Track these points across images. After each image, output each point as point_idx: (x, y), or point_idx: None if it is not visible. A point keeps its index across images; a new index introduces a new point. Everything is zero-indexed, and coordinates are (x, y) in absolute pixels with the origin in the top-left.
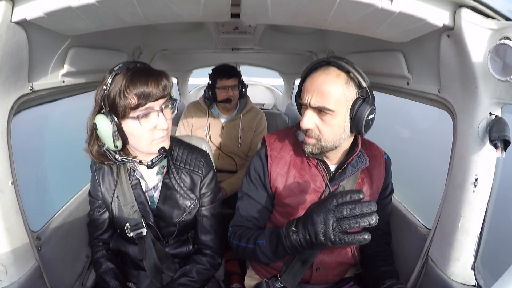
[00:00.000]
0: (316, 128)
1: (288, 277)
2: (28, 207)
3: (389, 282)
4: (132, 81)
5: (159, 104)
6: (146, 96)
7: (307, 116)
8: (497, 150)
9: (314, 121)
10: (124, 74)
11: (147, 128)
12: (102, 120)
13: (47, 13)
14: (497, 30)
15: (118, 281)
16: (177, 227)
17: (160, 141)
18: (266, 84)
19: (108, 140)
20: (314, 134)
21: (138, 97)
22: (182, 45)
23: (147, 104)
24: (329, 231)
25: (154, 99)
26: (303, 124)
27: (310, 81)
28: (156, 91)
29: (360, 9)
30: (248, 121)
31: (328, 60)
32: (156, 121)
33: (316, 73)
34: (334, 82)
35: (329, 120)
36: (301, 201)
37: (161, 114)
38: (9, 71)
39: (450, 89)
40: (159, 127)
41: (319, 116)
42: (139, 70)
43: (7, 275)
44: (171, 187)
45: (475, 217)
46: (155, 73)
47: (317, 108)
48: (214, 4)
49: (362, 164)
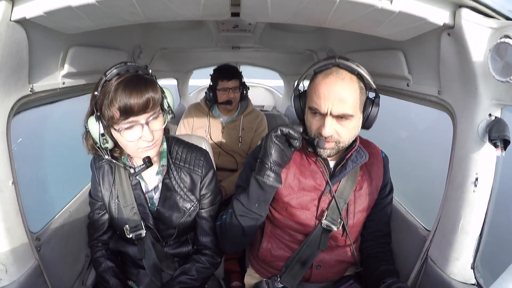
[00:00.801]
0: (335, 133)
1: (288, 277)
2: (28, 207)
3: (389, 281)
4: (116, 93)
5: (145, 117)
6: (127, 112)
7: (329, 124)
8: (497, 149)
9: (334, 127)
10: (113, 83)
11: (130, 139)
12: (92, 123)
13: (47, 12)
14: (497, 29)
15: (118, 279)
16: (176, 229)
17: (146, 150)
18: (266, 86)
19: (97, 141)
20: (333, 139)
21: (119, 111)
22: (182, 44)
23: (129, 118)
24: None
25: (137, 114)
26: (325, 133)
27: (326, 87)
28: (139, 106)
29: (360, 9)
30: (248, 122)
31: (337, 62)
32: (141, 133)
33: (329, 78)
34: (351, 87)
35: (347, 124)
36: (302, 199)
37: (145, 127)
38: (9, 70)
39: (450, 90)
40: (143, 139)
41: (338, 122)
42: (126, 81)
43: (7, 274)
44: (171, 188)
45: (475, 217)
46: (140, 85)
47: (338, 115)
48: (214, 4)
49: (362, 159)
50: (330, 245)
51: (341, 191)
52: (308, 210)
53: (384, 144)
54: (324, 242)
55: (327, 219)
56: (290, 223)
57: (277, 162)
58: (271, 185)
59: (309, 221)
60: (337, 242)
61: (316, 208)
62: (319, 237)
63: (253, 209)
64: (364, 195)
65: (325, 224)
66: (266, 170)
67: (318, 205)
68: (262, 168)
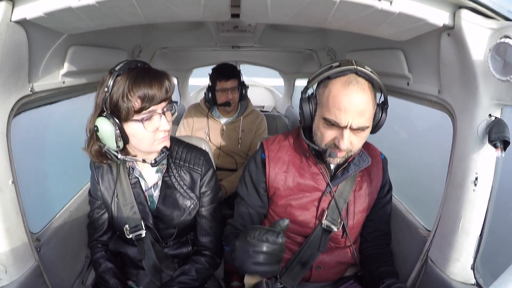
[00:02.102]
0: (350, 144)
1: (288, 278)
2: (28, 207)
3: (388, 281)
4: (136, 83)
5: (162, 107)
6: (150, 99)
7: (347, 137)
8: (496, 150)
9: (351, 140)
10: (127, 75)
11: (149, 130)
12: (103, 122)
13: (47, 13)
14: (497, 29)
15: (117, 279)
16: (176, 228)
17: (162, 141)
18: (266, 85)
19: (110, 141)
20: (347, 149)
21: (142, 100)
22: (182, 43)
23: (150, 107)
24: (244, 261)
25: (157, 102)
26: (343, 146)
27: (348, 100)
28: (160, 94)
29: (360, 10)
30: (248, 123)
31: (355, 70)
32: (159, 124)
33: (350, 89)
34: (369, 99)
35: (362, 134)
36: (301, 202)
37: (163, 117)
38: (9, 70)
39: (450, 90)
40: (161, 128)
41: (354, 134)
42: (142, 71)
43: (7, 274)
44: (171, 185)
45: (475, 218)
46: (157, 74)
47: (357, 128)
48: (214, 5)
49: (364, 163)
50: (330, 247)
51: (341, 191)
52: (307, 210)
53: (384, 144)
54: (324, 243)
55: (327, 219)
56: (290, 224)
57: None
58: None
59: (309, 222)
60: (337, 244)
61: (316, 209)
62: (319, 238)
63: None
64: (364, 195)
65: (325, 224)
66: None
67: (318, 205)
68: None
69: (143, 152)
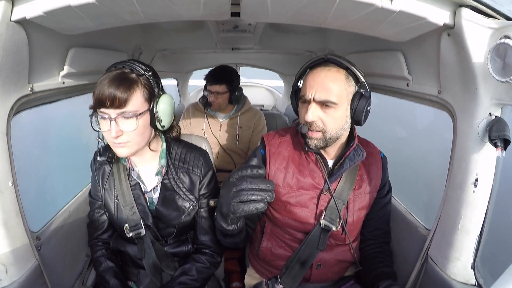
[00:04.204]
0: (319, 120)
1: (288, 278)
2: (28, 207)
3: (384, 284)
4: (99, 84)
5: (115, 113)
6: (99, 102)
7: (312, 109)
8: (497, 149)
9: (318, 114)
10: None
11: (103, 129)
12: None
13: (47, 12)
14: (497, 29)
15: (118, 279)
16: (176, 228)
17: (116, 146)
18: (266, 85)
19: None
20: (318, 127)
21: (95, 99)
22: (182, 45)
23: (101, 109)
24: (230, 202)
25: (106, 107)
26: (308, 117)
27: (312, 77)
28: (110, 99)
29: (360, 8)
30: (246, 120)
31: (326, 57)
32: (109, 127)
33: (317, 69)
34: (336, 77)
35: (332, 112)
36: (300, 199)
37: (113, 123)
38: (9, 70)
39: (450, 90)
40: (109, 133)
41: (322, 110)
42: (111, 75)
43: (7, 275)
44: (170, 188)
45: (475, 217)
46: (118, 81)
47: (321, 101)
48: (214, 3)
49: (359, 157)
50: (330, 244)
51: (339, 192)
52: (307, 208)
53: (384, 143)
54: (323, 242)
55: (325, 219)
56: (290, 222)
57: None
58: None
59: (308, 219)
60: (337, 240)
61: (315, 207)
62: (318, 236)
63: (230, 232)
64: (364, 193)
65: (323, 224)
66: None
67: (317, 203)
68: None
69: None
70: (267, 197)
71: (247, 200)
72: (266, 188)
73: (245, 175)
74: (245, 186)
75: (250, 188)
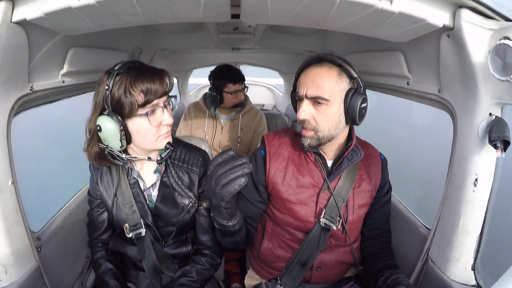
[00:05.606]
0: (312, 119)
1: (288, 279)
2: (28, 207)
3: (387, 273)
4: (138, 78)
5: (163, 100)
6: (153, 93)
7: (303, 107)
8: (497, 151)
9: (310, 112)
10: (127, 73)
11: (154, 125)
12: (106, 121)
13: (47, 13)
14: (497, 30)
15: (117, 281)
16: (175, 226)
17: (165, 137)
18: (266, 84)
19: (113, 140)
20: (310, 125)
21: (145, 94)
22: (182, 45)
23: (154, 101)
24: (215, 191)
25: (159, 95)
26: (300, 115)
27: (305, 74)
28: (161, 88)
29: (360, 10)
30: (247, 121)
31: (320, 56)
32: (162, 117)
33: (309, 68)
34: (327, 73)
35: (324, 110)
36: (300, 197)
37: (165, 110)
38: (9, 71)
39: (450, 89)
40: (164, 122)
41: (314, 107)
42: (142, 69)
43: (7, 275)
44: (169, 185)
45: (475, 217)
46: (157, 70)
47: (313, 98)
48: (214, 5)
49: (357, 157)
50: (330, 245)
51: (339, 190)
52: (307, 205)
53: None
54: (323, 242)
55: (325, 217)
56: (290, 220)
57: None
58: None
59: (308, 218)
60: (337, 241)
61: (315, 204)
62: (318, 236)
63: (230, 228)
64: (363, 191)
65: (323, 223)
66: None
67: (316, 201)
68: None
69: (145, 150)
70: (245, 170)
71: (227, 182)
72: (240, 163)
73: (217, 163)
74: (220, 171)
75: (225, 171)
